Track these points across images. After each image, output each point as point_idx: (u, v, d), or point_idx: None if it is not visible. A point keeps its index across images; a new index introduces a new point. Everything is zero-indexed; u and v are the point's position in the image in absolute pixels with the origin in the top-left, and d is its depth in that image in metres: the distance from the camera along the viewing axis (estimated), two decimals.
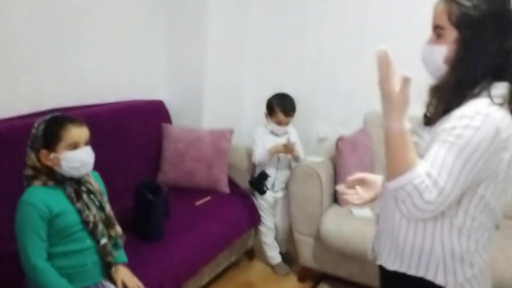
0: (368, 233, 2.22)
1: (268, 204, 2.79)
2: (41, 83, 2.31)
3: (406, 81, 1.06)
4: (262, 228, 2.81)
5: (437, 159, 1.09)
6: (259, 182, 2.67)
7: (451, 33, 1.15)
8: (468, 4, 1.12)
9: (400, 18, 2.82)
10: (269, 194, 2.74)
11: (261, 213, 2.78)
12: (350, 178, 1.46)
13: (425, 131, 1.21)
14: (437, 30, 1.18)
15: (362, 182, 1.45)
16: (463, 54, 1.13)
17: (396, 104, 1.08)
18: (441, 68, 1.18)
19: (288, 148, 2.64)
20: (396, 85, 1.07)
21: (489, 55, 1.11)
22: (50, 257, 1.54)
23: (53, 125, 1.55)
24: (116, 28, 2.68)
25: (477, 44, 1.12)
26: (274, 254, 2.83)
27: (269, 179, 2.68)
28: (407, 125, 1.11)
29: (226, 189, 2.75)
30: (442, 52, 1.17)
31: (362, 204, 1.45)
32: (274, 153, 2.67)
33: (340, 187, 1.48)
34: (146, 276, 1.76)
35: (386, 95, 1.09)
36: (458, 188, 1.09)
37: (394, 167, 1.12)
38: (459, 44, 1.14)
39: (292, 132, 2.81)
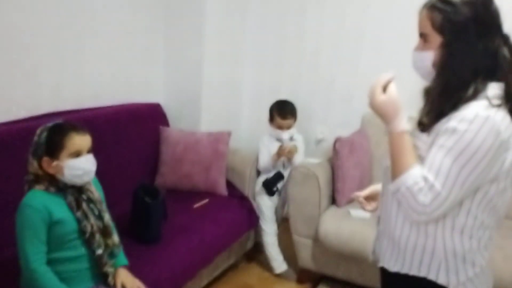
0: (367, 234, 2.23)
1: (274, 204, 2.81)
2: (39, 87, 2.31)
3: (388, 81, 1.18)
4: (265, 228, 2.78)
5: (434, 164, 1.11)
6: (274, 183, 2.69)
7: (436, 39, 1.17)
8: (450, 9, 1.14)
9: (398, 21, 2.83)
10: (275, 196, 2.78)
11: (266, 211, 2.78)
12: (363, 194, 1.49)
13: (424, 134, 1.21)
14: (423, 36, 1.20)
15: (371, 195, 1.49)
16: (448, 58, 1.15)
17: (386, 110, 1.19)
18: (431, 72, 1.20)
19: (282, 149, 2.68)
20: (381, 95, 1.19)
21: (475, 57, 1.13)
22: None
23: (56, 133, 1.54)
24: (113, 31, 2.68)
25: (462, 47, 1.14)
26: (279, 258, 2.78)
27: (281, 181, 2.72)
28: (405, 126, 1.18)
29: (224, 191, 2.75)
30: (429, 58, 1.19)
31: (372, 211, 1.49)
32: (276, 159, 2.73)
33: (357, 197, 1.50)
34: (144, 279, 1.76)
35: (375, 109, 1.21)
36: (456, 192, 1.10)
37: (394, 169, 1.18)
38: (444, 48, 1.16)
39: (298, 139, 2.87)
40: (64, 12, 2.35)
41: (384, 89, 1.20)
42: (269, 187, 2.70)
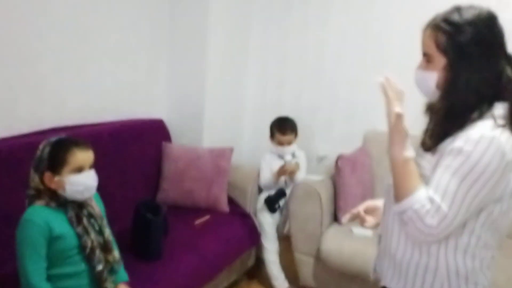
0: (369, 253, 2.21)
1: (275, 221, 2.80)
2: (42, 102, 2.31)
3: (399, 95, 1.16)
4: (266, 245, 2.76)
5: (441, 185, 1.10)
6: (276, 200, 2.70)
7: (440, 60, 1.16)
8: (454, 30, 1.13)
9: (401, 38, 2.85)
10: (276, 213, 2.78)
11: (267, 229, 2.76)
12: (355, 210, 1.47)
13: (427, 154, 1.21)
14: (426, 56, 1.19)
15: (367, 210, 1.47)
16: (453, 80, 1.14)
17: (396, 131, 1.15)
18: (435, 93, 1.20)
19: (284, 169, 2.69)
20: (397, 107, 1.15)
21: (479, 79, 1.12)
22: None
23: (58, 148, 1.55)
24: (117, 48, 2.70)
25: (466, 69, 1.13)
26: (280, 276, 2.75)
27: (283, 199, 2.72)
28: (410, 153, 1.16)
29: (225, 208, 2.73)
30: (433, 78, 1.18)
31: (372, 228, 1.46)
32: (277, 177, 2.74)
33: (346, 218, 1.49)
34: None
35: (388, 118, 1.17)
36: (463, 213, 1.10)
37: (397, 192, 1.17)
38: (449, 70, 1.15)
39: (300, 156, 2.88)
40: (68, 27, 2.37)
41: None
42: (271, 204, 2.69)
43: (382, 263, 1.34)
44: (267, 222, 2.77)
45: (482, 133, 1.08)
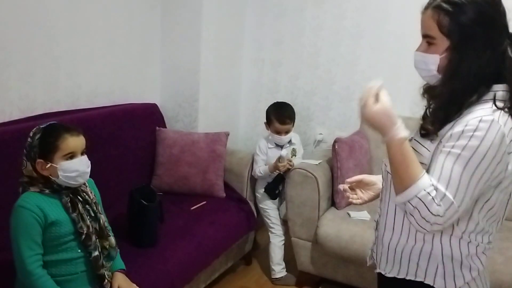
0: (366, 237, 2.21)
1: (278, 206, 2.79)
2: (33, 87, 2.28)
3: (378, 89, 1.09)
4: (273, 230, 2.74)
5: (444, 172, 1.07)
6: (275, 186, 2.67)
7: (443, 42, 1.11)
8: (457, 11, 1.08)
9: (397, 20, 2.81)
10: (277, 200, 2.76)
11: (272, 214, 2.74)
12: (349, 179, 1.45)
13: (426, 140, 1.18)
14: (427, 38, 1.14)
15: (360, 184, 1.45)
16: (458, 63, 1.10)
17: (382, 120, 1.10)
18: (435, 76, 1.15)
19: (281, 164, 2.59)
20: (374, 105, 1.09)
21: (483, 61, 1.08)
22: None
23: (49, 135, 1.53)
24: (109, 31, 2.65)
25: (471, 51, 1.09)
26: (281, 263, 2.73)
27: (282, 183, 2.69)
28: (404, 133, 1.10)
29: (222, 193, 2.71)
30: (435, 61, 1.13)
31: (361, 204, 1.44)
32: (273, 171, 2.66)
33: (342, 186, 1.47)
34: (140, 283, 1.74)
35: (369, 120, 1.12)
36: (468, 199, 1.08)
37: (399, 181, 1.12)
38: (452, 52, 1.11)
39: (297, 143, 2.82)
40: (58, 12, 2.33)
41: (375, 98, 1.10)
42: (271, 191, 2.67)
43: (378, 250, 1.33)
44: (270, 208, 2.75)
45: (481, 117, 1.06)
